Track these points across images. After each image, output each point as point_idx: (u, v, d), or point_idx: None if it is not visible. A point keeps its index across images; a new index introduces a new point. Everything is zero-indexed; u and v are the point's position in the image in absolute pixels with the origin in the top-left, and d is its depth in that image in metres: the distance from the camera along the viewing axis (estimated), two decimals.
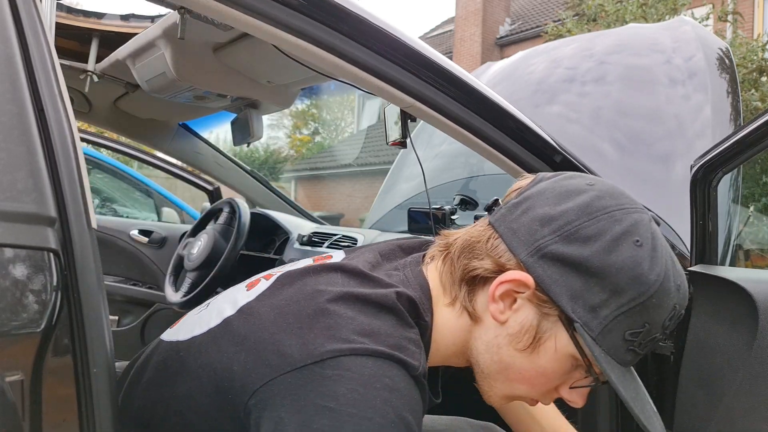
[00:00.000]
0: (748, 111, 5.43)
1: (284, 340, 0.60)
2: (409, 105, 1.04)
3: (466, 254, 0.69)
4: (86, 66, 1.50)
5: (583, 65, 2.27)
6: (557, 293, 0.63)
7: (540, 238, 0.64)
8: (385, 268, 0.74)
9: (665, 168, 1.80)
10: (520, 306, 0.66)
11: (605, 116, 2.03)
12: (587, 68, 2.25)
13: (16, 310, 0.55)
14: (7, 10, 0.61)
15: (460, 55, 13.15)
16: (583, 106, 2.10)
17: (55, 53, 0.64)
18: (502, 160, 1.18)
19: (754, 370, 0.99)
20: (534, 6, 13.90)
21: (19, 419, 0.55)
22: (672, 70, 2.03)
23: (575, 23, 7.47)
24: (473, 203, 1.83)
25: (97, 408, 0.60)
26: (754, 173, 5.70)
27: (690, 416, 1.10)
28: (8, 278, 0.55)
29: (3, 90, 0.58)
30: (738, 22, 7.41)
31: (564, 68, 2.29)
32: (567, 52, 2.40)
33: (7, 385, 0.54)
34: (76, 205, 0.60)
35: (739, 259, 5.48)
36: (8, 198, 0.56)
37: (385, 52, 0.97)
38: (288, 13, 0.87)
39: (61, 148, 0.60)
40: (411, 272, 0.72)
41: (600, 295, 0.62)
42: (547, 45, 2.62)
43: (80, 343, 0.59)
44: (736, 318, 1.03)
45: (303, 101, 16.47)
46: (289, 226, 2.36)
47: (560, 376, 0.69)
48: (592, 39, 2.57)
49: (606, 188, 0.67)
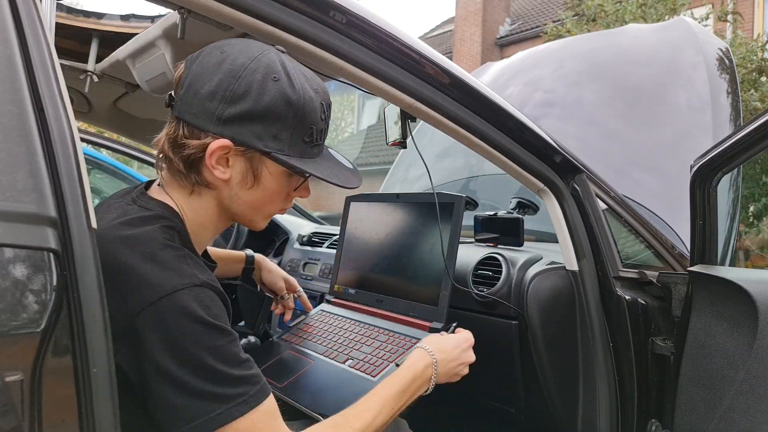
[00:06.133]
0: (748, 111, 5.43)
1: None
2: (409, 105, 1.04)
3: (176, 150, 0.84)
4: (86, 66, 1.49)
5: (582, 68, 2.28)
6: (248, 141, 0.82)
7: (215, 110, 0.81)
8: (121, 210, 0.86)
9: (665, 168, 1.80)
10: (233, 162, 0.84)
11: (606, 116, 2.03)
12: (587, 71, 2.25)
13: (16, 310, 0.55)
14: (7, 10, 0.61)
15: (460, 55, 13.15)
16: (582, 107, 2.10)
17: (55, 53, 0.64)
18: (502, 160, 1.18)
19: (754, 370, 0.99)
20: (534, 6, 13.90)
21: (19, 419, 0.55)
22: (671, 71, 2.03)
23: (575, 23, 7.47)
24: (473, 203, 1.82)
25: (97, 408, 0.60)
26: (754, 173, 5.69)
27: (690, 416, 1.10)
28: (8, 278, 0.55)
29: (3, 90, 0.58)
30: (738, 22, 7.40)
31: (565, 72, 2.29)
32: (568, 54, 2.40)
33: (7, 385, 0.54)
34: (76, 205, 0.60)
35: (739, 259, 5.48)
36: (8, 198, 0.56)
37: (385, 52, 0.97)
38: (288, 14, 0.87)
39: (61, 148, 0.60)
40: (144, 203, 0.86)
41: (273, 126, 0.82)
42: (548, 45, 2.62)
43: (80, 343, 0.59)
44: (736, 318, 1.03)
45: None
46: (289, 226, 2.36)
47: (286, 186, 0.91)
48: (591, 39, 2.57)
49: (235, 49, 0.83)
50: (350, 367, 1.23)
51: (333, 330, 1.42)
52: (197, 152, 0.82)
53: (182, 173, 0.85)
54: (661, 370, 1.24)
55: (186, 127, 0.83)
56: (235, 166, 0.84)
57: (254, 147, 0.83)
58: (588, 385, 1.25)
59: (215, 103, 0.80)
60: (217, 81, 0.80)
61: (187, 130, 0.83)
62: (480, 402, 1.46)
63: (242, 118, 0.81)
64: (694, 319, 1.12)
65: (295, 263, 2.09)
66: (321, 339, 1.39)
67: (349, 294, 1.54)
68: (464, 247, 1.54)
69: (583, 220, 1.25)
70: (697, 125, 1.80)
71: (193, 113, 0.82)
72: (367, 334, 1.34)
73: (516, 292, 1.34)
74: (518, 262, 1.40)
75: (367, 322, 1.40)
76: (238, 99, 0.80)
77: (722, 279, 1.06)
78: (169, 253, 0.77)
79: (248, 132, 0.82)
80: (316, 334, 1.43)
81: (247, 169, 0.85)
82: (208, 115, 0.81)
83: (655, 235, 1.36)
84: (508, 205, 1.67)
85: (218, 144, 0.81)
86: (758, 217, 5.82)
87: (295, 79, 0.83)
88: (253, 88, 0.80)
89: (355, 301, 1.50)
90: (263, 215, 0.94)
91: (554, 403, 1.34)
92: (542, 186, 1.24)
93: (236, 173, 0.85)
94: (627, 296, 1.23)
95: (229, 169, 0.84)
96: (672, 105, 1.91)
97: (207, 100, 0.81)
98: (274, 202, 0.92)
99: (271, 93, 0.81)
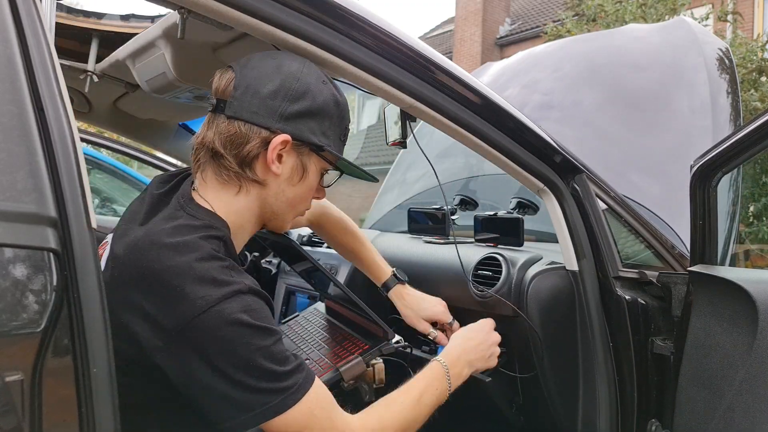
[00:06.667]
0: (748, 111, 5.43)
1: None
2: (409, 105, 1.04)
3: (230, 148, 0.88)
4: (86, 66, 1.49)
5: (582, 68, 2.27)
6: (306, 136, 0.89)
7: (277, 108, 0.87)
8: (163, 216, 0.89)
9: (665, 168, 1.80)
10: (286, 159, 0.90)
11: (605, 117, 2.03)
12: (586, 73, 2.25)
13: (16, 310, 0.55)
14: (7, 10, 0.61)
15: (460, 55, 13.14)
16: (582, 110, 2.10)
17: (55, 53, 0.64)
18: (502, 160, 1.18)
19: (754, 370, 0.99)
20: (534, 6, 13.90)
21: (19, 419, 0.55)
22: (672, 73, 2.03)
23: (575, 23, 7.47)
24: (473, 203, 1.82)
25: (97, 408, 0.60)
26: (754, 173, 5.69)
27: (690, 416, 1.10)
28: (8, 278, 0.55)
29: (3, 90, 0.58)
30: (738, 22, 7.40)
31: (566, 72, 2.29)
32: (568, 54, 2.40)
33: (7, 385, 0.54)
34: (76, 205, 0.60)
35: (739, 259, 5.48)
36: (8, 198, 0.56)
37: (385, 52, 0.97)
38: (288, 14, 0.87)
39: (61, 148, 0.60)
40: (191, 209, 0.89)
41: (324, 123, 0.91)
42: (548, 45, 2.62)
43: (80, 343, 0.59)
44: (736, 318, 1.03)
45: None
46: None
47: (316, 185, 0.98)
48: (591, 40, 2.57)
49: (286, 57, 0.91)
50: None
51: (313, 330, 1.42)
52: (257, 148, 0.87)
53: (235, 171, 0.89)
54: (661, 370, 1.24)
55: (243, 125, 0.87)
56: (288, 162, 0.91)
57: (311, 141, 0.90)
58: (588, 385, 1.25)
59: (278, 102, 0.87)
60: (279, 81, 0.87)
61: (245, 128, 0.87)
62: (480, 402, 1.46)
63: (302, 115, 0.88)
64: (694, 319, 1.12)
65: None
66: (298, 337, 1.40)
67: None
68: (464, 247, 1.54)
69: (583, 220, 1.25)
70: (698, 127, 1.80)
71: (253, 112, 0.87)
72: (335, 336, 1.33)
73: (516, 292, 1.34)
74: (518, 262, 1.39)
75: (340, 324, 1.38)
76: (300, 97, 0.88)
77: (722, 279, 1.06)
78: (216, 264, 0.80)
79: (306, 128, 0.89)
80: (298, 332, 1.44)
81: (297, 164, 0.92)
82: (270, 113, 0.87)
83: (655, 235, 1.36)
84: (508, 205, 1.67)
85: (281, 139, 0.87)
86: (758, 217, 5.82)
87: (335, 84, 0.95)
88: (311, 88, 0.89)
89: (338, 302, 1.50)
90: (294, 213, 0.99)
91: (554, 403, 1.34)
92: (542, 186, 1.24)
93: (287, 169, 0.91)
94: (627, 296, 1.23)
95: (282, 165, 0.90)
96: (672, 106, 1.91)
97: (269, 99, 0.87)
98: (307, 199, 0.98)
99: (324, 94, 0.90)
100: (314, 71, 0.91)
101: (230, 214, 0.91)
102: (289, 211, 0.97)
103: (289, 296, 2.06)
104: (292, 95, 0.88)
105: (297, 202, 0.96)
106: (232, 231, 0.90)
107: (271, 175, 0.90)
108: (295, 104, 0.88)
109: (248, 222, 0.94)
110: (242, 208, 0.92)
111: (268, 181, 0.91)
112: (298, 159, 0.91)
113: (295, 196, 0.95)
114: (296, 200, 0.96)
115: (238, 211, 0.92)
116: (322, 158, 0.94)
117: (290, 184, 0.92)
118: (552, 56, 2.42)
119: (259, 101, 0.87)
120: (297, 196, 0.95)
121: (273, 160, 0.88)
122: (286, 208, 0.96)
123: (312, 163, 0.93)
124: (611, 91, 2.06)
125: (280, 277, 2.13)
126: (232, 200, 0.91)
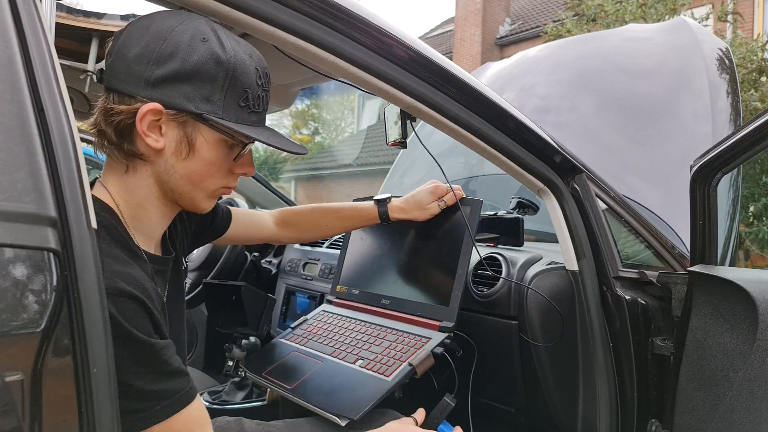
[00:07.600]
0: (748, 111, 5.43)
1: None
2: (409, 105, 1.04)
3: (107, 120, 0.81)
4: (86, 66, 1.49)
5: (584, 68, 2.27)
6: (179, 103, 0.79)
7: (142, 73, 0.78)
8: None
9: (665, 168, 1.80)
10: (165, 130, 0.81)
11: (606, 121, 2.03)
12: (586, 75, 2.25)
13: (16, 310, 0.55)
14: (7, 10, 0.61)
15: (460, 55, 13.14)
16: (582, 111, 2.10)
17: (55, 53, 0.64)
18: (502, 160, 1.18)
19: (754, 370, 0.99)
20: (534, 6, 13.90)
21: (19, 419, 0.55)
22: (671, 72, 2.03)
23: (575, 23, 7.47)
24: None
25: (97, 408, 0.60)
26: (754, 173, 5.69)
27: (690, 416, 1.10)
28: (8, 278, 0.55)
29: (3, 90, 0.58)
30: (738, 22, 7.40)
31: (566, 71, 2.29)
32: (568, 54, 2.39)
33: (7, 385, 0.54)
34: (76, 205, 0.60)
35: (739, 259, 5.48)
36: (8, 198, 0.56)
37: (384, 52, 0.97)
38: (288, 14, 0.87)
39: (61, 148, 0.60)
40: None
41: (204, 87, 0.80)
42: (548, 45, 2.62)
43: (80, 343, 0.59)
44: (736, 318, 1.03)
45: (303, 101, 16.45)
46: None
47: (225, 158, 0.87)
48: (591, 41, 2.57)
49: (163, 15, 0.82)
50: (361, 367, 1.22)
51: (338, 330, 1.41)
52: (127, 118, 0.79)
53: (115, 144, 0.82)
54: (661, 370, 1.24)
55: (116, 95, 0.81)
56: (169, 134, 0.82)
57: (185, 109, 0.80)
58: (588, 385, 1.25)
59: (142, 66, 0.78)
60: (144, 43, 0.79)
61: (117, 98, 0.80)
62: (480, 402, 1.46)
63: (171, 79, 0.79)
64: (694, 319, 1.12)
65: (294, 263, 2.09)
66: (327, 339, 1.39)
67: (353, 294, 1.53)
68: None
69: (583, 220, 1.25)
70: (700, 133, 1.80)
71: (121, 79, 0.80)
72: (375, 334, 1.33)
73: (516, 292, 1.34)
74: (518, 262, 1.40)
75: (373, 322, 1.40)
76: (166, 59, 0.78)
77: (722, 279, 1.06)
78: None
79: (178, 94, 0.79)
80: (321, 334, 1.42)
81: (181, 136, 0.82)
82: (136, 79, 0.79)
83: (655, 235, 1.36)
84: (508, 205, 1.67)
85: (148, 107, 0.78)
86: (758, 217, 5.82)
87: (225, 40, 0.82)
88: (180, 47, 0.78)
89: (359, 301, 1.50)
90: (205, 193, 0.89)
91: (554, 403, 1.34)
92: (542, 186, 1.24)
93: (170, 141, 0.82)
94: (627, 296, 1.23)
95: (162, 138, 0.81)
96: (675, 112, 1.91)
97: (134, 63, 0.79)
98: (214, 176, 0.87)
99: (199, 52, 0.79)
100: (192, 28, 0.80)
101: (123, 194, 0.85)
102: (193, 189, 0.87)
103: (289, 296, 2.06)
104: (156, 57, 0.78)
105: (197, 179, 0.86)
106: (130, 212, 0.85)
107: (151, 150, 0.82)
108: (161, 67, 0.78)
109: (148, 201, 0.86)
110: (134, 187, 0.85)
111: (151, 156, 0.83)
112: (181, 130, 0.82)
113: (191, 172, 0.85)
114: (195, 177, 0.85)
115: (131, 190, 0.85)
116: (213, 128, 0.82)
117: (179, 158, 0.83)
118: (555, 56, 2.41)
119: (125, 67, 0.79)
120: (194, 172, 0.85)
121: (146, 133, 0.80)
122: (185, 186, 0.86)
123: (200, 134, 0.83)
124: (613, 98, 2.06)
125: (280, 277, 2.14)
126: (122, 179, 0.85)
